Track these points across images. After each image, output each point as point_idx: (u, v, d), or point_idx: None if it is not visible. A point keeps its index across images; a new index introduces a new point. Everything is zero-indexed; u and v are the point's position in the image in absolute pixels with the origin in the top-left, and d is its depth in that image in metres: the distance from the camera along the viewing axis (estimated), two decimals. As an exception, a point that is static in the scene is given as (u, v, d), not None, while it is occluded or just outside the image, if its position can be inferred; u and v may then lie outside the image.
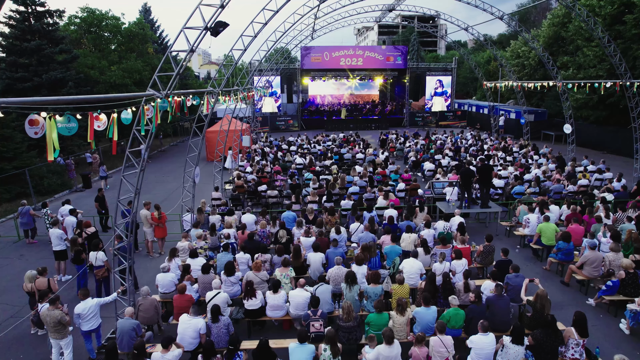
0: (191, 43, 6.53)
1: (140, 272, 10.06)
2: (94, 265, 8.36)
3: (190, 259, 8.54)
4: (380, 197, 12.54)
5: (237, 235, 10.15)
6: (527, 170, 16.34)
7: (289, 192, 14.61)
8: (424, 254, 8.66)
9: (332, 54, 34.22)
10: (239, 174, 15.92)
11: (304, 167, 18.08)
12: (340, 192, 14.27)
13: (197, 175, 10.84)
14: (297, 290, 7.11)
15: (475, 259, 9.07)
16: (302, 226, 10.13)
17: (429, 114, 35.93)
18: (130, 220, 7.05)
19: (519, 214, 11.37)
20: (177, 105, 7.71)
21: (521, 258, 10.18)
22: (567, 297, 8.29)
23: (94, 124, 4.59)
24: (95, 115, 4.72)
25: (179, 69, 6.56)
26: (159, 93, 6.42)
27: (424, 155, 19.49)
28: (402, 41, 62.94)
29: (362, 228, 10.14)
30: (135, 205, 7.04)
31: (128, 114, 5.61)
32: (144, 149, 6.54)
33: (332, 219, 10.95)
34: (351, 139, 24.43)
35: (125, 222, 7.45)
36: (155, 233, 10.91)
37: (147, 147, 6.54)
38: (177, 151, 28.63)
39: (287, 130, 33.86)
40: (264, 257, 8.57)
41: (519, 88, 22.12)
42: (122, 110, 5.54)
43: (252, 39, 9.88)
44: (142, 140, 6.60)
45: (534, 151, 20.10)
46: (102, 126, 4.84)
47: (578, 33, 24.18)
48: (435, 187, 13.26)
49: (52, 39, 21.09)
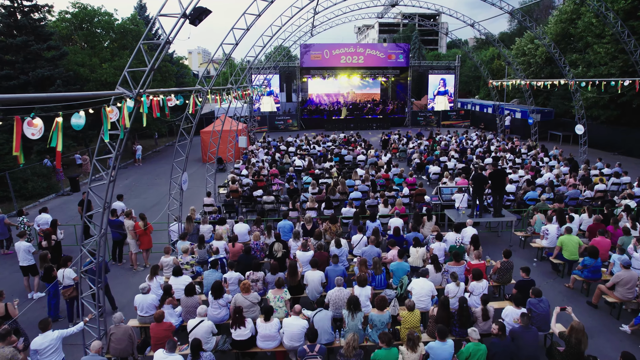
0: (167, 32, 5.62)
1: (121, 288, 9.17)
2: (62, 284, 7.47)
3: (173, 277, 7.65)
4: (382, 204, 11.63)
5: (228, 247, 9.26)
6: (538, 174, 15.45)
7: (286, 197, 13.73)
8: (434, 271, 7.77)
9: (333, 52, 33.28)
10: (234, 177, 15.02)
11: (302, 169, 17.18)
12: (340, 197, 13.37)
13: (185, 182, 9.93)
14: (292, 317, 6.21)
15: (491, 276, 8.16)
16: (299, 238, 9.23)
17: (432, 114, 35.00)
18: (99, 238, 6.14)
19: (535, 223, 10.47)
20: (155, 105, 6.80)
21: (539, 273, 9.28)
22: (596, 321, 7.38)
23: (21, 130, 3.68)
24: (28, 120, 3.79)
25: (153, 63, 5.65)
26: (130, 92, 5.51)
27: (429, 157, 18.57)
28: (403, 39, 62.04)
29: (365, 240, 9.25)
30: (104, 221, 6.13)
31: (80, 118, 4.67)
32: (113, 158, 5.64)
33: (332, 228, 10.05)
34: (352, 140, 23.53)
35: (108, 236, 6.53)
36: (142, 243, 10.00)
37: (116, 155, 5.64)
38: (172, 152, 27.66)
39: (286, 130, 32.97)
40: (256, 275, 7.66)
41: (527, 87, 21.17)
42: (73, 113, 4.62)
43: (245, 32, 8.99)
44: (111, 148, 5.70)
45: (543, 153, 19.20)
46: (37, 134, 3.94)
47: (588, 29, 23.23)
48: (443, 193, 12.35)
49: (39, 35, 20.15)
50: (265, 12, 8.98)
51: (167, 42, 5.79)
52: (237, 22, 9.01)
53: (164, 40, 5.73)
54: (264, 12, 8.92)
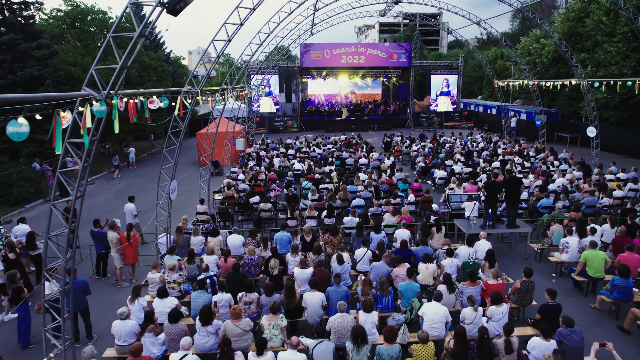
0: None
1: (102, 307, 8.40)
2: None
3: (157, 299, 6.88)
4: (388, 213, 10.85)
5: (220, 262, 8.49)
6: (549, 179, 14.68)
7: (285, 204, 12.95)
8: (447, 292, 6.99)
9: (333, 52, 32.51)
10: (229, 182, 14.25)
11: (302, 173, 16.41)
12: (342, 204, 12.59)
13: (174, 190, 9.15)
14: (289, 352, 5.43)
15: (509, 296, 7.38)
16: (298, 253, 8.46)
17: (434, 115, 34.20)
18: (65, 262, 5.37)
19: (553, 234, 9.68)
20: (132, 108, 6.02)
21: (559, 291, 8.39)
22: (631, 350, 6.60)
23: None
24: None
25: (124, 60, 4.88)
26: (98, 93, 4.74)
27: (434, 161, 17.79)
28: (404, 39, 61.28)
29: (370, 255, 8.48)
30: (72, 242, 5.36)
31: (19, 127, 3.87)
32: (80, 169, 4.88)
33: (334, 241, 9.28)
34: (353, 142, 22.76)
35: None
36: (126, 257, 9.22)
37: (83, 165, 4.88)
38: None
39: (286, 131, 32.21)
40: (249, 297, 6.89)
41: (535, 87, 20.38)
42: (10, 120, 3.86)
43: (238, 27, 8.22)
44: (77, 157, 4.93)
45: (552, 156, 18.41)
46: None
47: (597, 28, 22.44)
48: (452, 201, 11.56)
49: (28, 33, 19.38)
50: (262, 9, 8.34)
51: (142, 36, 5.02)
52: (229, 17, 8.25)
53: (138, 32, 4.95)
54: (259, 5, 8.14)
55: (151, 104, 6.98)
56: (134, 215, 11.77)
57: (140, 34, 4.95)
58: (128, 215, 11.68)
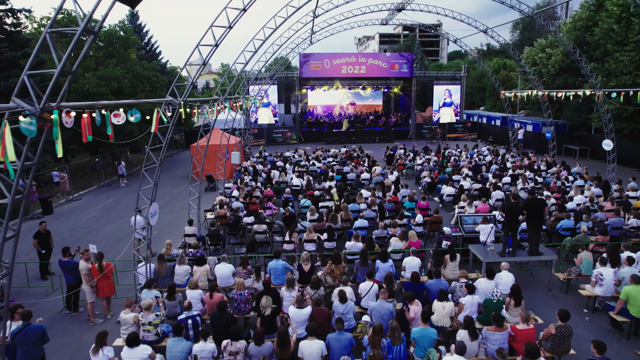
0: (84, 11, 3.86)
1: (69, 350, 7.30)
2: None
3: (127, 349, 5.79)
4: (395, 237, 9.80)
5: (205, 298, 7.42)
6: (565, 196, 13.66)
7: (281, 224, 11.90)
8: (468, 338, 5.92)
9: (333, 62, 31.72)
10: (222, 200, 13.20)
11: (300, 189, 15.38)
12: (343, 225, 11.54)
13: (153, 215, 8.08)
14: None
15: (541, 342, 6.30)
16: (294, 287, 7.39)
17: (437, 126, 33.28)
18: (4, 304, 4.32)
19: (582, 263, 8.62)
20: (85, 125, 5.02)
21: (594, 331, 7.40)
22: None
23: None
24: None
25: (63, 63, 3.89)
26: (32, 106, 3.74)
27: (440, 176, 16.76)
28: (404, 50, 60.76)
29: (376, 289, 7.41)
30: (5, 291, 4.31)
31: None
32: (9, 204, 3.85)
33: (335, 271, 8.22)
34: (354, 155, 21.77)
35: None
36: (99, 290, 8.13)
37: (12, 200, 3.85)
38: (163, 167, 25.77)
39: (285, 143, 31.27)
40: (236, 346, 5.81)
41: (545, 98, 19.45)
42: None
43: (226, 30, 7.28)
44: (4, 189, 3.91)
45: (565, 170, 17.40)
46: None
47: (607, 37, 21.60)
48: (465, 223, 10.49)
49: (15, 42, 18.55)
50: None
51: (87, 32, 4.04)
52: (216, 19, 7.31)
53: (81, 28, 3.96)
54: (250, 5, 7.16)
55: (115, 118, 5.95)
56: (142, 228, 11.07)
57: (86, 30, 3.97)
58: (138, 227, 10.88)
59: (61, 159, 21.15)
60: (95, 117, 5.27)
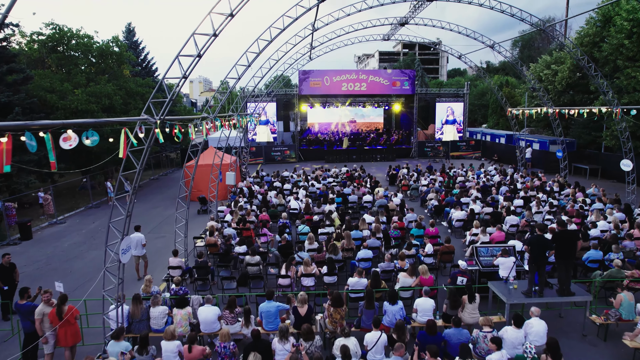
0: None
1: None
2: None
3: None
4: (403, 272, 8.68)
5: (183, 351, 6.26)
6: (584, 220, 12.59)
7: (277, 254, 10.77)
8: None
9: (333, 79, 31.02)
10: (213, 226, 12.08)
11: (298, 213, 14.27)
12: (345, 255, 10.42)
13: (126, 251, 6.95)
14: None
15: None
16: (288, 339, 6.24)
17: (440, 144, 32.39)
18: None
19: (621, 305, 7.48)
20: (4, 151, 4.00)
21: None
22: None
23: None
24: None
25: None
26: None
27: (448, 198, 15.67)
28: (404, 68, 60.52)
29: (385, 340, 6.26)
30: None
31: None
32: None
33: (335, 315, 7.08)
34: (356, 175, 20.75)
35: None
36: (60, 339, 6.94)
37: None
38: (156, 187, 24.85)
39: (284, 162, 30.32)
40: None
41: (556, 116, 18.54)
42: None
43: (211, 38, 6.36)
44: None
45: (580, 192, 16.31)
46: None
47: (617, 52, 20.86)
48: (481, 255, 9.36)
49: (0, 57, 17.71)
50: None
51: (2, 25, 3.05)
52: (199, 26, 6.39)
53: None
54: (237, 11, 6.26)
55: (65, 142, 4.92)
56: (142, 245, 10.72)
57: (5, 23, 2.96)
58: (136, 247, 10.47)
59: (47, 179, 20.13)
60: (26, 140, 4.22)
